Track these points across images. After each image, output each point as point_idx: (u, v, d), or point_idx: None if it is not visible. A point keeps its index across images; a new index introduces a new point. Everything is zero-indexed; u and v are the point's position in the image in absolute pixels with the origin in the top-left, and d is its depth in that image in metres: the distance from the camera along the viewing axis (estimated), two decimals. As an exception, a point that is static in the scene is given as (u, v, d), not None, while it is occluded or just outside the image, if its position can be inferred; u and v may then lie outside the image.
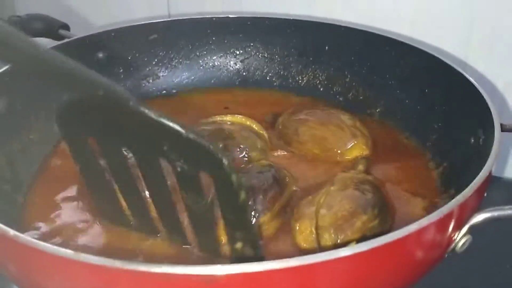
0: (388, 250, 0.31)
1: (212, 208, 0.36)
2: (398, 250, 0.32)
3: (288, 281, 0.29)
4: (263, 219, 0.42)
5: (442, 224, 0.33)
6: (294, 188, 0.46)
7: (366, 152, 0.51)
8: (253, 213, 0.42)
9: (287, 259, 0.28)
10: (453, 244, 0.35)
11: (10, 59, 0.30)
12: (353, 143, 0.51)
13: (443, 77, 0.53)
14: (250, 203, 0.42)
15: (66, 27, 0.60)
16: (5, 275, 0.37)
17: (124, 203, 0.40)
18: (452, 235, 0.35)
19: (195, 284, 0.28)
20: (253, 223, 0.41)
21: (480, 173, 0.36)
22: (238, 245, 0.36)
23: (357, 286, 0.32)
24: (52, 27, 0.59)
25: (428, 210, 0.45)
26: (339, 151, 0.51)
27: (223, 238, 0.38)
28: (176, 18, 0.64)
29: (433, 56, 0.54)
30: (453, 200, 0.34)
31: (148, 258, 0.40)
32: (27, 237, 0.30)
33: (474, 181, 0.35)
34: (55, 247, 0.29)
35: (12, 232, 0.30)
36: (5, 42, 0.27)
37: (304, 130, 0.53)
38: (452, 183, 0.46)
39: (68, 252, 0.29)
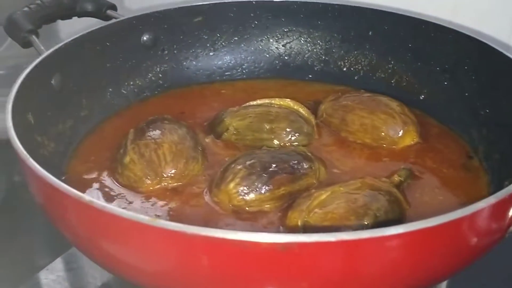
0: (457, 225, 0.32)
1: None
2: (461, 228, 0.33)
3: (357, 251, 0.30)
4: (256, 196, 0.43)
5: (507, 203, 0.33)
6: (314, 181, 0.46)
7: (416, 139, 0.52)
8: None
9: (359, 232, 0.29)
10: (514, 224, 0.35)
11: None
12: (404, 131, 0.51)
13: (489, 62, 0.53)
14: (253, 177, 0.43)
15: (113, 7, 0.61)
16: (72, 242, 0.38)
17: None
18: (514, 215, 0.35)
19: (271, 250, 0.28)
20: None
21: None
22: None
23: (426, 260, 0.32)
24: (101, 8, 0.60)
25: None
26: (391, 140, 0.51)
27: None
28: (220, 1, 0.64)
29: (479, 41, 0.54)
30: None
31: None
32: (103, 203, 0.31)
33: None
34: (131, 213, 0.30)
35: (87, 197, 0.31)
36: None
37: (353, 119, 0.53)
38: (503, 171, 0.46)
39: (145, 218, 0.29)
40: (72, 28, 0.62)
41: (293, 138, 0.52)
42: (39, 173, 0.34)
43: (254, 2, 0.64)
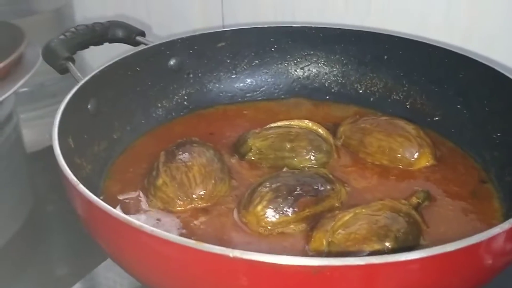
0: (470, 251, 0.34)
1: None
2: (479, 251, 0.35)
3: (384, 275, 0.33)
4: (282, 218, 0.46)
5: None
6: (337, 204, 0.49)
7: (432, 161, 0.54)
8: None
9: (385, 256, 0.32)
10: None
11: None
12: (420, 153, 0.54)
13: (499, 87, 0.55)
14: (280, 199, 0.46)
15: (142, 34, 0.64)
16: (111, 257, 0.41)
17: None
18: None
19: (304, 273, 0.31)
20: None
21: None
22: None
23: (445, 282, 0.35)
24: (130, 34, 0.63)
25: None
26: (407, 162, 0.54)
27: None
28: (242, 27, 0.67)
29: (488, 67, 0.56)
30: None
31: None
32: (149, 226, 0.34)
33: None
34: (178, 236, 0.33)
35: (137, 222, 0.34)
36: None
37: (371, 141, 0.56)
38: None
39: (190, 242, 0.32)
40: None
41: (312, 156, 0.55)
42: (89, 198, 0.38)
43: (273, 27, 0.68)
